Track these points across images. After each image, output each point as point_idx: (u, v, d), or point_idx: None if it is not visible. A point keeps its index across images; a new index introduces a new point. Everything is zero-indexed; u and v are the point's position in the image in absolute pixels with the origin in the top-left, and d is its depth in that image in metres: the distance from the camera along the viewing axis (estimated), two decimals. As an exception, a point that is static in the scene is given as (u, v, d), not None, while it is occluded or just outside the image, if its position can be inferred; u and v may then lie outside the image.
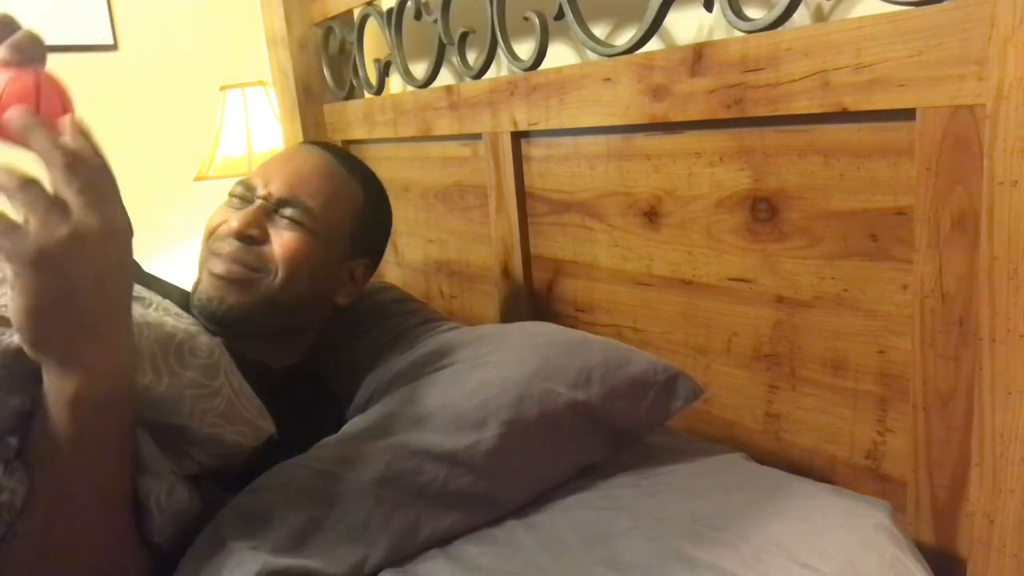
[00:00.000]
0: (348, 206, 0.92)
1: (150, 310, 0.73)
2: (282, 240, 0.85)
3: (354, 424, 0.75)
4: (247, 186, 0.89)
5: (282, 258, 0.85)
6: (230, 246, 0.84)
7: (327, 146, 0.98)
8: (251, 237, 0.84)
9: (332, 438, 0.73)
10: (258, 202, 0.86)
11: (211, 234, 0.88)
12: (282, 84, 1.63)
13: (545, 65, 1.02)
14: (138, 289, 0.73)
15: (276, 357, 0.89)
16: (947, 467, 0.67)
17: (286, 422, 0.80)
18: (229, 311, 0.83)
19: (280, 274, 0.85)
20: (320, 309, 0.94)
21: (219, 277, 0.84)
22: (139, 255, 0.97)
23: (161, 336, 0.67)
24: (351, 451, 0.68)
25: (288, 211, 0.86)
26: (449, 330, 1.01)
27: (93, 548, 0.58)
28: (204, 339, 0.72)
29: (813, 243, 0.75)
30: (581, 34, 0.94)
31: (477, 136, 1.17)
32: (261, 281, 0.84)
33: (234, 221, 0.84)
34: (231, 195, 0.91)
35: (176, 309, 0.77)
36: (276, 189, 0.87)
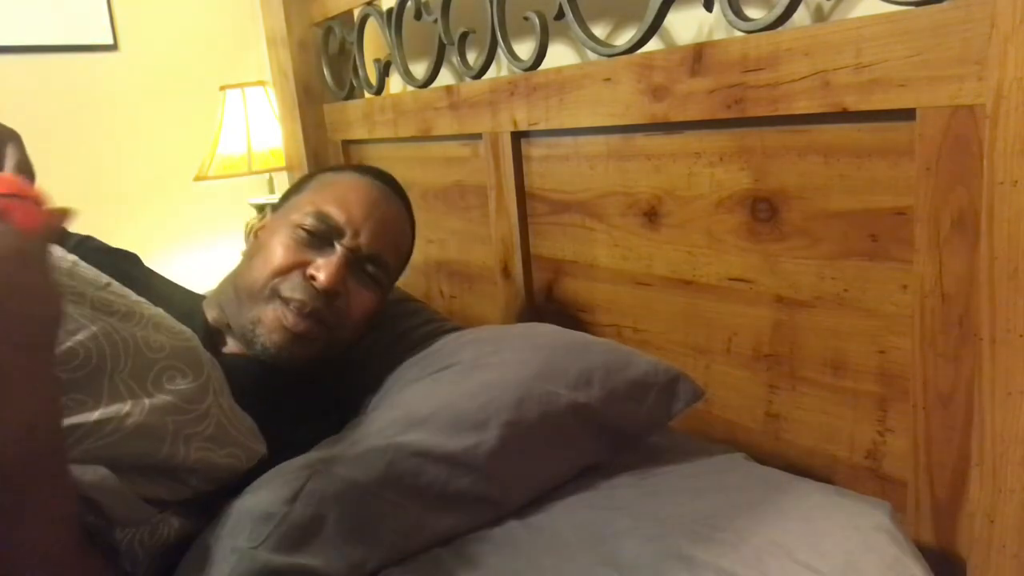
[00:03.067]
0: (408, 253, 0.95)
1: (137, 327, 0.68)
2: (360, 298, 0.84)
3: (355, 424, 0.75)
4: (329, 224, 0.83)
5: (358, 317, 0.84)
6: (312, 299, 0.80)
7: (390, 180, 0.94)
8: (340, 295, 0.81)
9: (334, 438, 0.73)
10: (342, 250, 0.82)
11: (279, 272, 0.81)
12: (282, 84, 1.63)
13: (545, 65, 1.02)
14: (130, 301, 0.70)
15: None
16: (947, 467, 0.67)
17: (288, 423, 0.80)
18: (294, 362, 0.82)
19: (351, 330, 0.85)
20: None
21: (294, 333, 0.80)
22: (139, 255, 0.98)
23: (143, 360, 0.64)
24: (352, 451, 0.68)
25: (371, 268, 0.85)
26: (450, 331, 1.01)
27: None
28: (193, 358, 0.68)
29: (813, 243, 0.75)
30: (581, 34, 0.94)
31: (477, 136, 1.17)
32: (333, 335, 0.83)
33: (322, 274, 0.79)
34: (301, 227, 0.82)
35: (169, 322, 0.72)
36: (366, 242, 0.83)
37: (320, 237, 0.83)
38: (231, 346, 0.86)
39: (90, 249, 0.92)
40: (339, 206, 0.84)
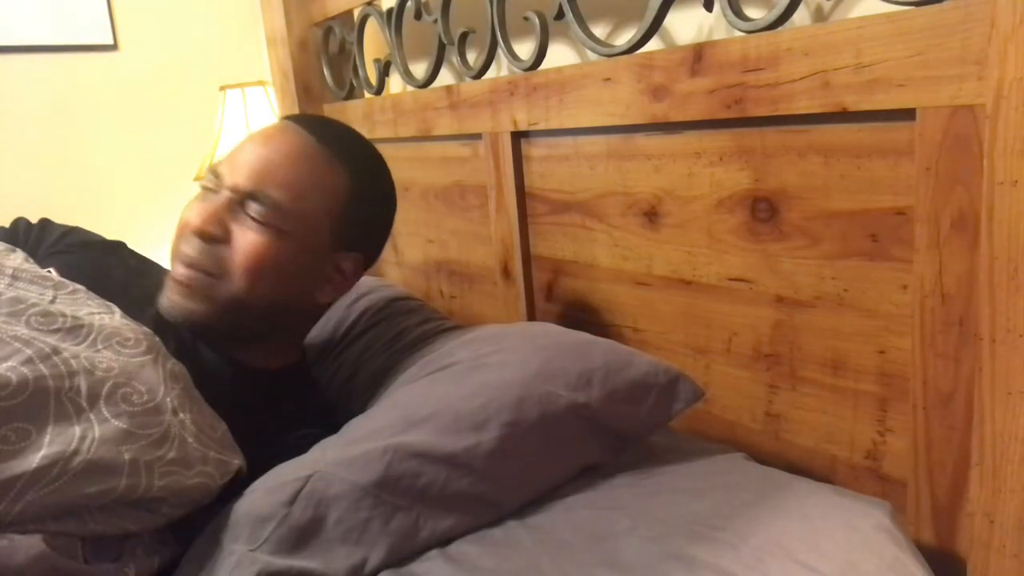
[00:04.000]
0: (328, 196, 0.82)
1: (83, 345, 0.63)
2: (243, 241, 0.77)
3: (354, 425, 0.75)
4: (216, 175, 0.80)
5: (240, 262, 0.77)
6: (191, 247, 0.78)
7: (314, 122, 0.86)
8: (212, 236, 0.77)
9: (331, 439, 0.73)
10: (224, 194, 0.78)
11: (178, 233, 0.81)
12: (282, 84, 1.64)
13: (545, 65, 1.02)
14: (80, 314, 0.66)
15: (265, 358, 0.86)
16: (947, 467, 0.67)
17: (275, 424, 0.80)
18: (192, 318, 0.78)
19: (240, 280, 0.77)
20: (299, 308, 0.86)
21: (179, 283, 0.78)
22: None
23: (91, 380, 0.59)
24: (351, 452, 0.68)
25: (254, 207, 0.78)
26: (449, 330, 1.01)
27: None
28: (146, 374, 0.64)
29: (813, 243, 0.75)
30: (581, 34, 0.94)
31: (477, 136, 1.17)
32: (221, 287, 0.78)
33: (195, 217, 0.78)
34: (202, 186, 0.82)
35: (124, 334, 0.67)
36: (243, 180, 0.78)
37: (213, 192, 0.80)
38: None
39: (73, 244, 0.91)
40: (229, 157, 0.81)
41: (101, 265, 0.87)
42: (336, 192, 0.82)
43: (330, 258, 0.84)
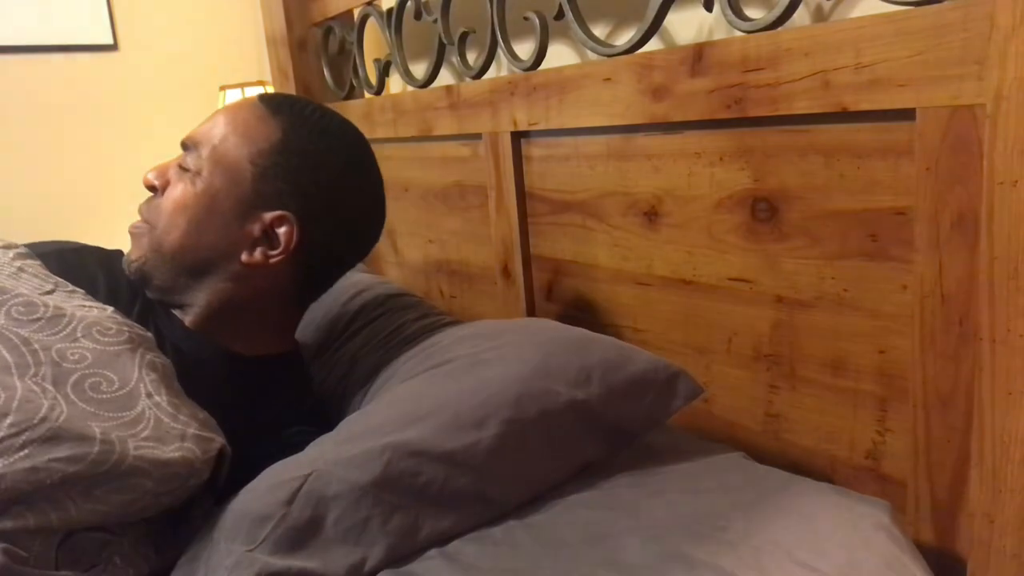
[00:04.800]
0: (249, 142, 0.80)
1: (58, 336, 0.64)
2: (172, 190, 0.82)
3: (352, 422, 0.75)
4: None
5: (167, 208, 0.81)
6: (144, 202, 0.85)
7: (273, 93, 0.90)
8: (152, 186, 0.84)
9: (329, 435, 0.73)
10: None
11: None
12: (282, 84, 1.64)
13: (545, 65, 1.02)
14: (69, 305, 0.67)
15: (248, 344, 0.85)
16: (947, 467, 0.67)
17: (270, 413, 0.80)
18: (131, 267, 0.83)
19: (163, 224, 0.81)
20: (224, 265, 0.81)
21: (130, 236, 0.84)
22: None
23: (57, 371, 0.60)
24: (350, 451, 0.68)
25: (187, 158, 0.83)
26: (447, 325, 1.01)
27: None
28: (120, 364, 0.65)
29: (813, 243, 0.75)
30: (581, 34, 0.94)
31: (477, 136, 1.17)
32: (152, 234, 0.82)
33: (147, 173, 0.84)
34: None
35: (105, 325, 0.68)
36: (187, 137, 0.85)
37: None
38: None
39: (70, 250, 0.91)
40: None
41: (103, 266, 0.86)
42: (259, 140, 0.81)
43: (258, 217, 0.80)
